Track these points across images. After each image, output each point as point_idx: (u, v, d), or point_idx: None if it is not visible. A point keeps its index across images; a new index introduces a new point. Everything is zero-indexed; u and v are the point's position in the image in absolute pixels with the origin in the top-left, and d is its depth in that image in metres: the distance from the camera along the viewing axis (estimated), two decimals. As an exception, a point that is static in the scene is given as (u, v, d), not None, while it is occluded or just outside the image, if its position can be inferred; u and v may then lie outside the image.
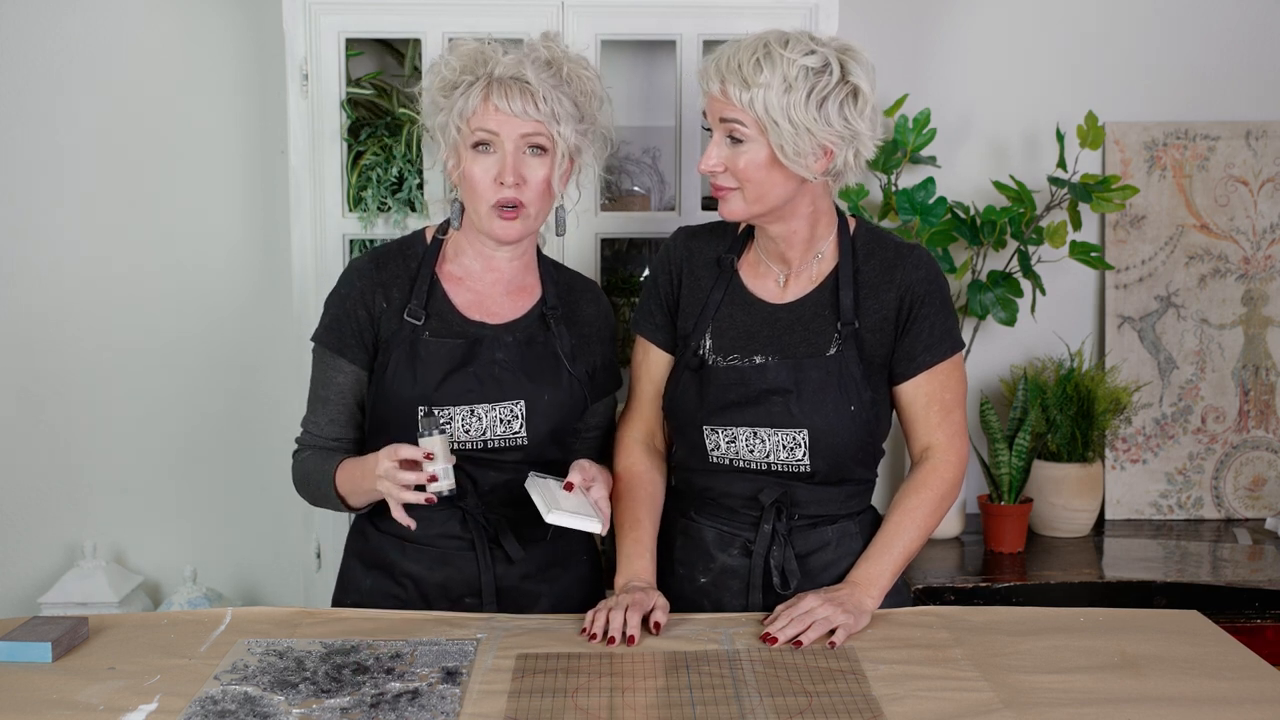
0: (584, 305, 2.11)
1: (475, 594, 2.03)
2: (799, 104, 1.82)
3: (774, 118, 1.82)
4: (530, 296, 2.07)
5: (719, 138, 1.89)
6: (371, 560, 2.07)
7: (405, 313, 2.00)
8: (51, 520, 2.99)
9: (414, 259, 2.05)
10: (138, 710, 1.60)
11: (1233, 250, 3.03)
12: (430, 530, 2.02)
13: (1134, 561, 2.75)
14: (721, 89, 1.85)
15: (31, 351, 2.94)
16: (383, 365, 2.00)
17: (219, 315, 2.96)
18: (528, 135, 1.93)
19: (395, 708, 1.60)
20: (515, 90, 1.92)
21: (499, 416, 1.99)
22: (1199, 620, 1.92)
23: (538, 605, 2.05)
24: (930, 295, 1.97)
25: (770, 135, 1.84)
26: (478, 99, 1.92)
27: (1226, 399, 3.04)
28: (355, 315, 2.01)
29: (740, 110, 1.84)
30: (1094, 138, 2.80)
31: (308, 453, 2.05)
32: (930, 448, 2.01)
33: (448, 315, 2.02)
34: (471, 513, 2.01)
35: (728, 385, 1.98)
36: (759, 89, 1.82)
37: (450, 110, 1.95)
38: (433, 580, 2.03)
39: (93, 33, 2.86)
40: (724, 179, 1.90)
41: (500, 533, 2.02)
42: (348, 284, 2.04)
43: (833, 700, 1.63)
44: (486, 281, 2.05)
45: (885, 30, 2.96)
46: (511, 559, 2.03)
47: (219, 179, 2.93)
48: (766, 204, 1.91)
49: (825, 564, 2.01)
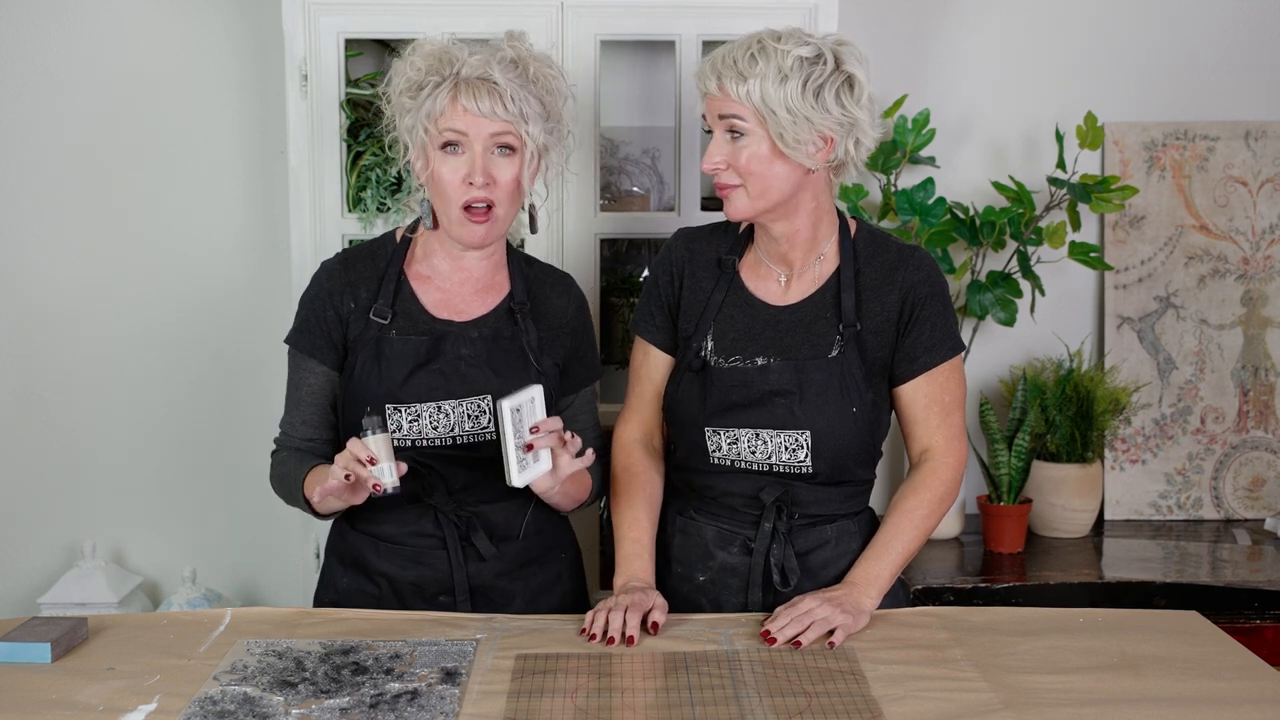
0: (553, 297, 2.10)
1: (449, 592, 2.03)
2: (795, 93, 1.84)
3: (771, 107, 1.84)
4: (499, 294, 2.07)
5: (719, 136, 1.90)
6: (348, 559, 2.08)
7: (371, 312, 2.00)
8: (51, 520, 2.99)
9: (382, 259, 2.05)
10: (137, 710, 1.60)
11: (1232, 251, 3.03)
12: (402, 529, 2.02)
13: (1133, 562, 2.75)
14: (719, 85, 1.87)
15: (31, 351, 2.94)
16: (351, 365, 2.00)
17: (219, 315, 2.96)
18: (496, 135, 1.93)
19: (394, 708, 1.60)
20: (483, 90, 1.91)
21: (466, 412, 1.99)
22: (1198, 621, 1.92)
23: (513, 604, 2.05)
24: (931, 297, 1.98)
25: (769, 125, 1.85)
26: (445, 99, 1.92)
27: (1226, 399, 3.04)
28: (324, 316, 2.02)
29: (738, 104, 1.86)
30: (1093, 138, 2.80)
31: (284, 453, 2.06)
32: (929, 449, 2.02)
33: (415, 314, 2.02)
34: (443, 510, 2.01)
35: (730, 387, 1.98)
36: (755, 80, 1.84)
37: (418, 111, 1.94)
38: (406, 579, 2.03)
39: (92, 32, 2.86)
40: (727, 176, 1.91)
41: (471, 530, 2.02)
42: (317, 285, 2.05)
43: (832, 700, 1.63)
44: (455, 281, 2.05)
45: (885, 30, 2.96)
46: (483, 557, 2.03)
47: (219, 179, 2.93)
48: (770, 199, 1.91)
49: (824, 562, 2.02)
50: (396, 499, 1.89)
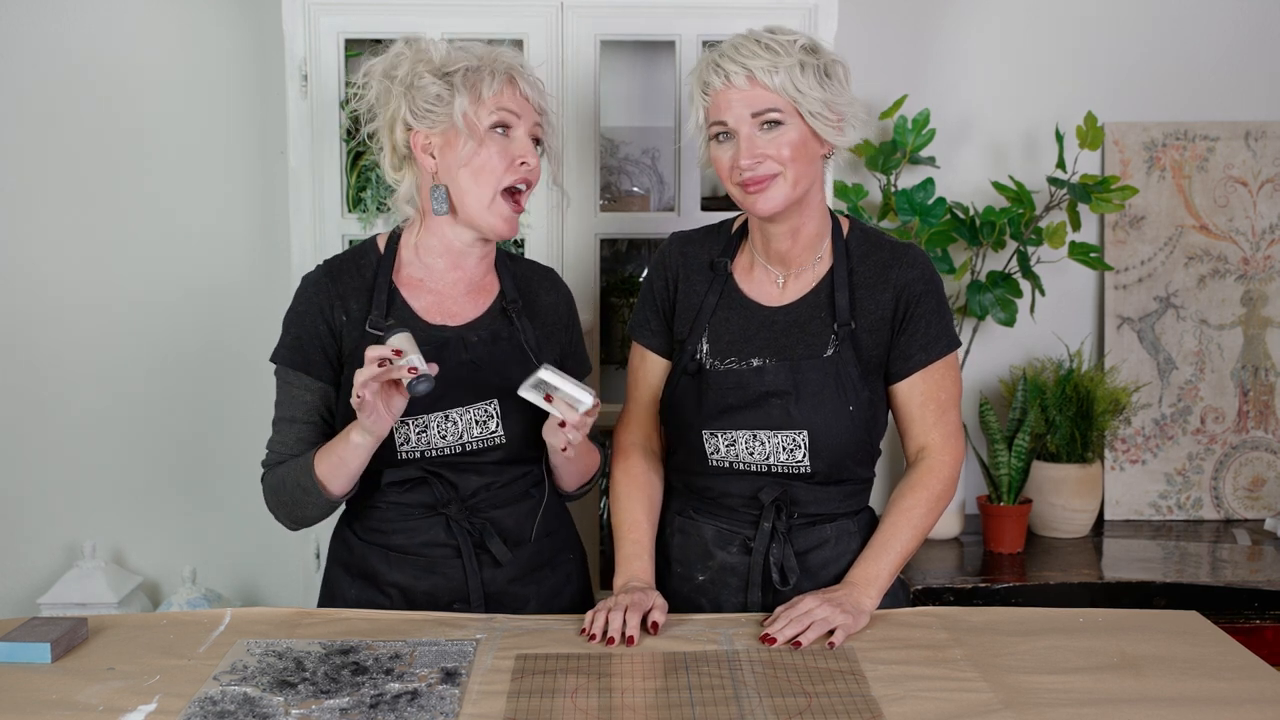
0: (542, 294, 2.10)
1: (463, 600, 2.00)
2: (813, 78, 1.90)
3: (801, 90, 1.89)
4: (489, 294, 2.05)
5: (748, 132, 1.90)
6: (356, 569, 2.04)
7: (367, 324, 1.97)
8: (51, 520, 2.99)
9: (368, 268, 2.02)
10: (137, 710, 1.60)
11: (1232, 251, 3.03)
12: (414, 539, 2.00)
13: (1133, 562, 2.76)
14: (749, 78, 1.89)
15: (31, 351, 2.94)
16: (349, 380, 1.93)
17: (219, 315, 2.96)
18: (533, 126, 1.97)
19: (394, 708, 1.60)
20: (528, 81, 1.97)
21: (474, 418, 1.97)
22: (1198, 621, 1.92)
23: (527, 608, 2.03)
24: (926, 294, 1.98)
25: (801, 106, 1.90)
26: (501, 82, 1.94)
27: (1226, 399, 3.04)
28: (317, 331, 1.98)
29: (773, 94, 1.89)
30: (1093, 138, 2.80)
31: (279, 468, 1.99)
32: (926, 448, 2.02)
33: (409, 323, 1.98)
34: (455, 518, 1.99)
35: (726, 389, 1.98)
36: (784, 70, 1.89)
37: (465, 91, 1.92)
38: (419, 589, 2.00)
39: (92, 33, 2.86)
40: (766, 167, 1.91)
41: (486, 536, 2.00)
42: (304, 300, 2.00)
43: (832, 701, 1.63)
44: (448, 281, 2.02)
45: (885, 31, 2.96)
46: (499, 562, 2.01)
47: (219, 179, 2.93)
48: (803, 185, 1.94)
49: (824, 562, 2.02)
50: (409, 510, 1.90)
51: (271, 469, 2.01)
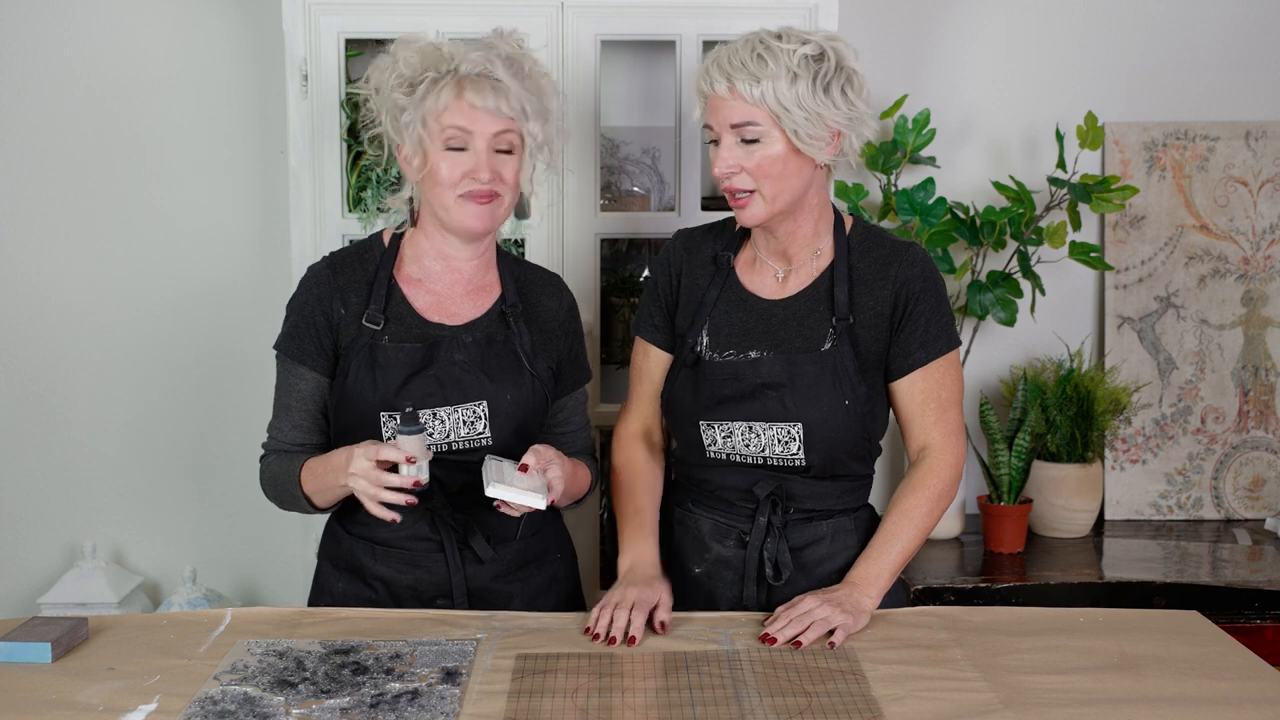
0: (544, 300, 2.09)
1: (446, 595, 2.02)
2: (806, 91, 1.86)
3: (785, 106, 1.86)
4: (490, 295, 2.06)
5: (729, 141, 1.90)
6: (343, 563, 2.07)
7: (364, 318, 1.98)
8: (51, 520, 2.99)
9: (371, 262, 2.04)
10: (137, 710, 1.60)
11: (1232, 251, 3.03)
12: (399, 532, 2.01)
13: (1134, 562, 2.75)
14: (729, 88, 1.87)
15: (31, 350, 2.94)
16: (343, 372, 1.98)
17: (219, 315, 2.96)
18: (499, 134, 1.92)
19: (395, 708, 1.60)
20: (486, 86, 1.91)
21: (462, 418, 1.98)
22: (1199, 621, 1.92)
23: (510, 606, 2.04)
24: (925, 292, 1.98)
25: (784, 123, 1.86)
26: (449, 95, 1.90)
27: (1226, 399, 3.04)
28: (314, 322, 2.00)
29: (753, 107, 1.87)
30: (1093, 138, 2.80)
31: (273, 457, 2.04)
32: (927, 447, 2.02)
33: (406, 318, 2.00)
34: (440, 514, 2.00)
35: (723, 380, 1.98)
36: (768, 81, 1.85)
37: (416, 108, 1.92)
38: (403, 582, 2.02)
39: (92, 33, 2.86)
40: (740, 180, 1.91)
41: (469, 533, 2.01)
42: (305, 290, 2.03)
43: (832, 700, 1.63)
44: (446, 282, 2.03)
45: (885, 30, 2.96)
46: (481, 560, 2.02)
47: (219, 179, 2.93)
48: (784, 201, 1.92)
49: (819, 558, 2.02)
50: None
51: (266, 458, 2.05)
